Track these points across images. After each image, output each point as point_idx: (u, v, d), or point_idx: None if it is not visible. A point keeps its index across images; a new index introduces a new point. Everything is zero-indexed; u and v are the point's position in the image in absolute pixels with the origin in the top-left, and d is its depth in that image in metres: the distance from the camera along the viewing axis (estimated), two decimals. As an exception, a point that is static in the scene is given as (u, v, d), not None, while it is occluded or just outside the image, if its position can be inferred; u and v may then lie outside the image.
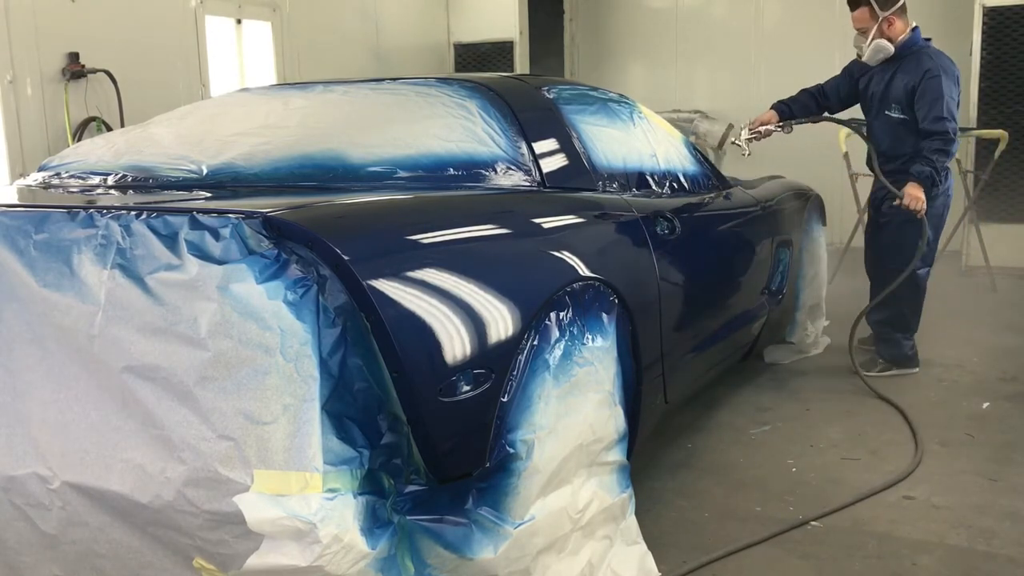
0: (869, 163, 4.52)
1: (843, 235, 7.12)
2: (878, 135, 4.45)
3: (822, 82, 4.68)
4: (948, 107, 4.12)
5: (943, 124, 4.11)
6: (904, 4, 4.23)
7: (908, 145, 4.30)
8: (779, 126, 4.65)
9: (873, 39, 4.23)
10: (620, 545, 2.50)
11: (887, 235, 4.45)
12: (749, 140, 4.69)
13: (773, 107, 4.70)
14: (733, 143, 4.96)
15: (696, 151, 3.94)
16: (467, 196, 2.53)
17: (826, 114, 4.72)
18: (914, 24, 4.28)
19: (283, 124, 2.91)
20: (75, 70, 5.04)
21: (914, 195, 4.14)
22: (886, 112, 4.34)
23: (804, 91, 4.70)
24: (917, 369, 4.57)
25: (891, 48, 4.24)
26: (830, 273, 5.38)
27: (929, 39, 4.33)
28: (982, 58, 6.93)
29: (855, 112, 4.67)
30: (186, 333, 1.78)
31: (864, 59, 4.36)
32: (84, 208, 1.97)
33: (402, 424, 1.90)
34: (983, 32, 6.91)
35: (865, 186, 5.00)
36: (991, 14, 6.88)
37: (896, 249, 4.38)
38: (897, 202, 4.21)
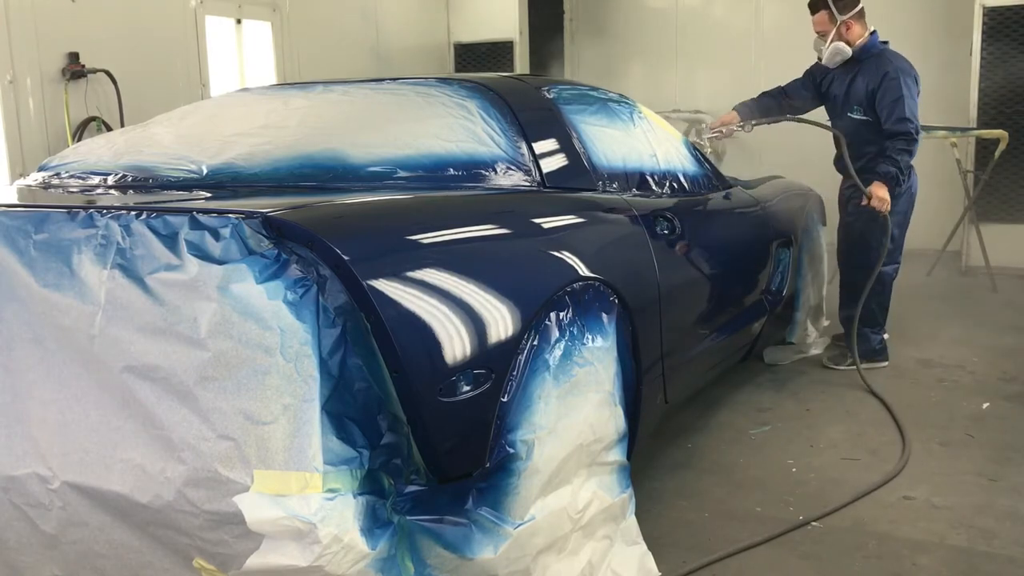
0: (837, 163, 4.62)
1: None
2: (844, 135, 4.57)
3: (782, 84, 4.83)
4: (909, 108, 4.27)
5: (905, 125, 4.26)
6: (862, 9, 4.40)
7: (870, 145, 4.43)
8: (739, 125, 4.78)
9: (832, 42, 4.41)
10: (620, 545, 2.50)
11: (854, 233, 4.59)
12: (711, 139, 4.93)
13: (735, 108, 4.82)
14: (696, 141, 5.10)
15: (696, 151, 3.94)
16: (467, 196, 2.53)
17: (788, 115, 4.85)
18: (872, 28, 4.44)
19: (283, 124, 2.90)
20: (75, 70, 5.04)
21: (880, 196, 4.28)
22: (849, 114, 4.49)
23: (764, 93, 4.86)
24: (886, 363, 4.66)
25: (849, 51, 4.41)
26: (830, 273, 5.38)
27: (886, 42, 4.48)
28: (982, 58, 6.93)
29: (819, 114, 4.78)
30: (186, 333, 1.78)
31: (823, 61, 4.53)
32: (84, 208, 1.97)
33: (402, 424, 1.90)
34: (983, 32, 6.91)
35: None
36: (991, 14, 6.88)
37: (863, 247, 4.53)
38: (864, 202, 4.33)
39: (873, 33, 4.45)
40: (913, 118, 4.26)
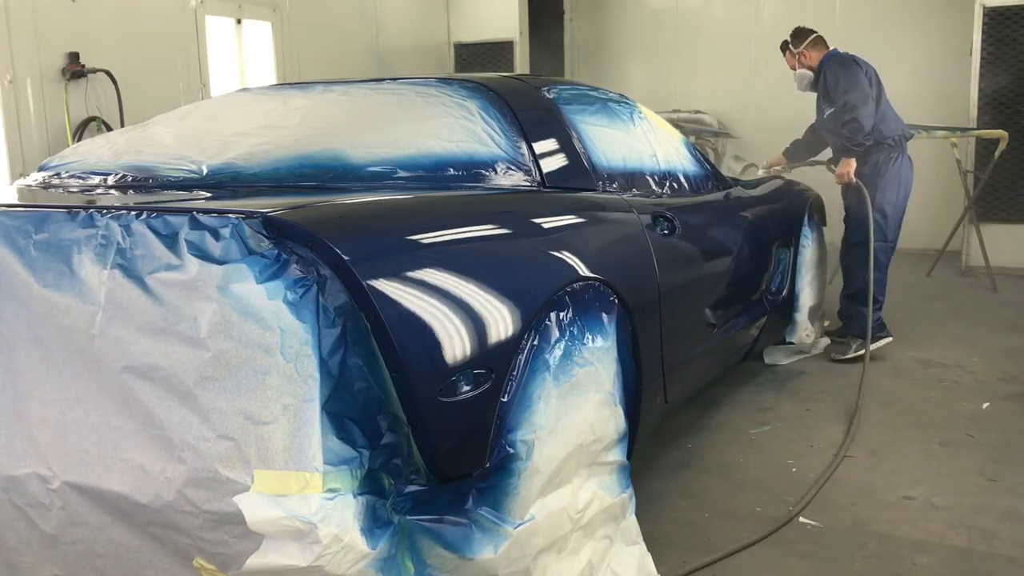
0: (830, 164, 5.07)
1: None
2: (827, 136, 5.05)
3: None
4: (843, 85, 4.72)
5: (841, 98, 4.68)
6: (816, 37, 4.96)
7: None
8: (786, 167, 5.41)
9: (797, 71, 5.04)
10: (620, 545, 2.50)
11: (847, 217, 4.94)
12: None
13: (784, 152, 5.44)
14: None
15: (696, 151, 3.94)
16: (467, 196, 2.53)
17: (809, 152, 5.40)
18: (833, 48, 4.97)
19: (283, 124, 2.90)
20: (75, 70, 5.05)
21: (838, 172, 4.78)
22: (823, 115, 4.94)
23: (808, 129, 5.34)
24: (891, 338, 4.85)
25: (810, 74, 5.02)
26: (830, 273, 5.38)
27: (846, 53, 4.93)
28: (982, 58, 6.93)
29: None
30: (186, 333, 1.78)
31: (797, 88, 5.11)
32: (84, 208, 1.97)
33: (402, 424, 1.90)
34: (983, 32, 6.90)
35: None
36: (991, 14, 6.88)
37: (853, 226, 4.87)
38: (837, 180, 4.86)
39: (832, 50, 4.94)
40: (851, 87, 4.66)
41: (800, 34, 5.01)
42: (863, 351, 4.68)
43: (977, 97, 6.97)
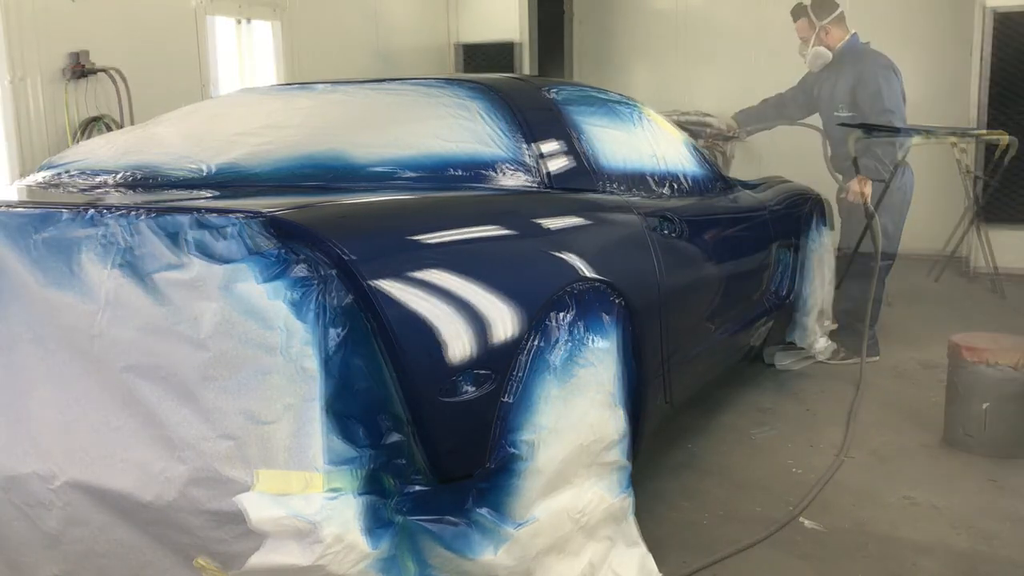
0: (831, 164, 4.86)
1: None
2: (833, 136, 4.77)
3: (783, 91, 5.01)
4: (888, 98, 4.40)
5: (886, 116, 4.39)
6: (841, 13, 4.57)
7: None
8: (736, 133, 5.15)
9: (812, 47, 4.63)
10: (621, 546, 2.50)
11: (846, 226, 4.81)
12: (710, 145, 5.22)
13: (734, 116, 5.11)
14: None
15: (699, 152, 3.94)
16: (470, 197, 2.53)
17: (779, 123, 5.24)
18: (853, 31, 4.61)
19: (286, 124, 2.91)
20: (77, 70, 5.05)
21: (855, 190, 4.51)
22: (835, 113, 4.65)
23: (764, 101, 5.07)
24: (877, 357, 4.75)
25: (829, 54, 4.63)
26: (838, 277, 5.34)
27: (867, 43, 4.63)
28: (981, 59, 6.91)
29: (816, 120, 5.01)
30: (188, 333, 1.78)
31: (807, 66, 4.74)
32: (87, 207, 1.97)
33: (404, 424, 1.91)
34: (987, 34, 6.89)
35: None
36: (993, 15, 6.87)
37: (856, 240, 4.73)
38: (843, 195, 4.60)
39: (854, 35, 4.60)
40: (895, 108, 4.38)
41: (825, 4, 4.65)
42: (849, 360, 4.69)
43: (978, 98, 6.96)
